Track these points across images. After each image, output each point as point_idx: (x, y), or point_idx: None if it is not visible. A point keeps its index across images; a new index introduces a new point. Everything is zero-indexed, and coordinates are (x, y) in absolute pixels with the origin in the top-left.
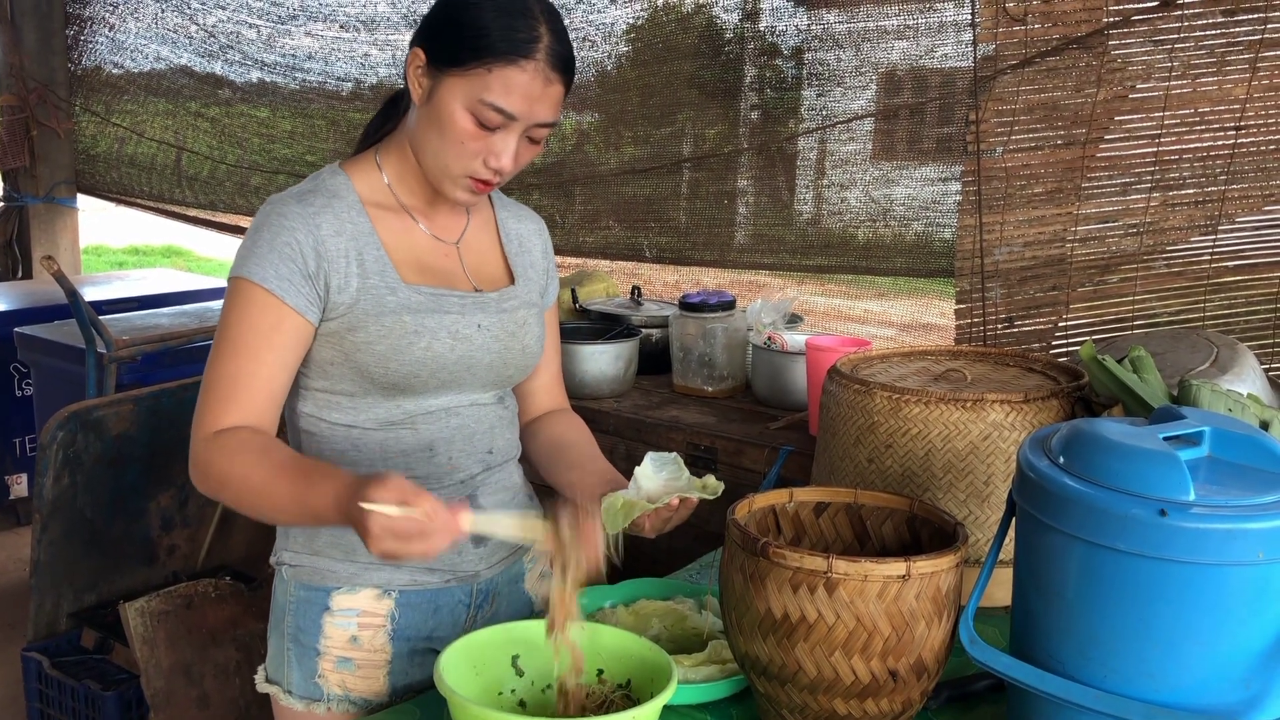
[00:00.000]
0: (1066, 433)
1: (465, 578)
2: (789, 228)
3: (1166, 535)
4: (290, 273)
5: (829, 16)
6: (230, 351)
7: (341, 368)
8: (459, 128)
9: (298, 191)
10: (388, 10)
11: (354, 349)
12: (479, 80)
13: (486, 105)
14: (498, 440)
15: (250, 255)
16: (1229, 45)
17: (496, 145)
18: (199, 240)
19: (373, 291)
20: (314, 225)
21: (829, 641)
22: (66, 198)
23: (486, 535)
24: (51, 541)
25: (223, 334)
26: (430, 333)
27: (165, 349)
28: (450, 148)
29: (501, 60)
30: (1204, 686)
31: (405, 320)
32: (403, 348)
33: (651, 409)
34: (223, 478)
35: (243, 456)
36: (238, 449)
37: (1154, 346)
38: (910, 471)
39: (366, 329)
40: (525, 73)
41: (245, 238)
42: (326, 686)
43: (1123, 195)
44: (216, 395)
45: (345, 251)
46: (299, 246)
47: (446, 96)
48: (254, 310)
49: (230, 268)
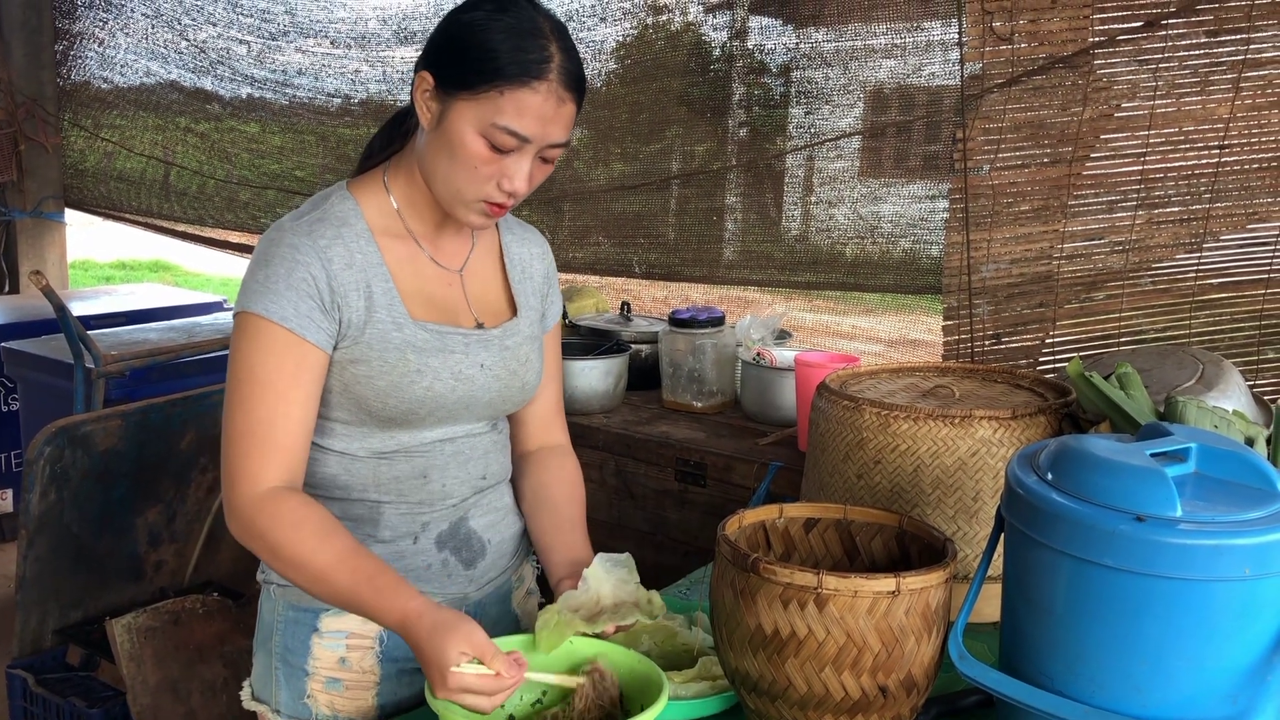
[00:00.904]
0: (1054, 449)
1: (454, 600)
2: (777, 244)
3: (1153, 551)
4: (310, 309)
5: (817, 35)
6: (258, 395)
7: (340, 397)
8: (471, 152)
9: (307, 220)
10: (378, 27)
11: (354, 381)
12: (491, 103)
13: (499, 129)
14: (492, 465)
15: (265, 291)
16: (1212, 65)
17: (510, 168)
18: (187, 255)
19: (379, 326)
20: (326, 259)
21: (819, 657)
22: (54, 212)
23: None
24: (38, 557)
25: (245, 375)
26: (433, 373)
27: (153, 364)
28: (463, 172)
29: (513, 82)
30: (1191, 702)
31: (409, 359)
32: (404, 385)
33: (641, 424)
34: (275, 549)
35: (301, 534)
36: (294, 524)
37: (1140, 363)
38: (899, 487)
39: (369, 363)
40: (538, 94)
41: (253, 268)
42: (315, 707)
43: (1109, 213)
44: (253, 443)
45: (356, 284)
46: (314, 282)
47: (457, 121)
48: (277, 349)
49: (238, 299)
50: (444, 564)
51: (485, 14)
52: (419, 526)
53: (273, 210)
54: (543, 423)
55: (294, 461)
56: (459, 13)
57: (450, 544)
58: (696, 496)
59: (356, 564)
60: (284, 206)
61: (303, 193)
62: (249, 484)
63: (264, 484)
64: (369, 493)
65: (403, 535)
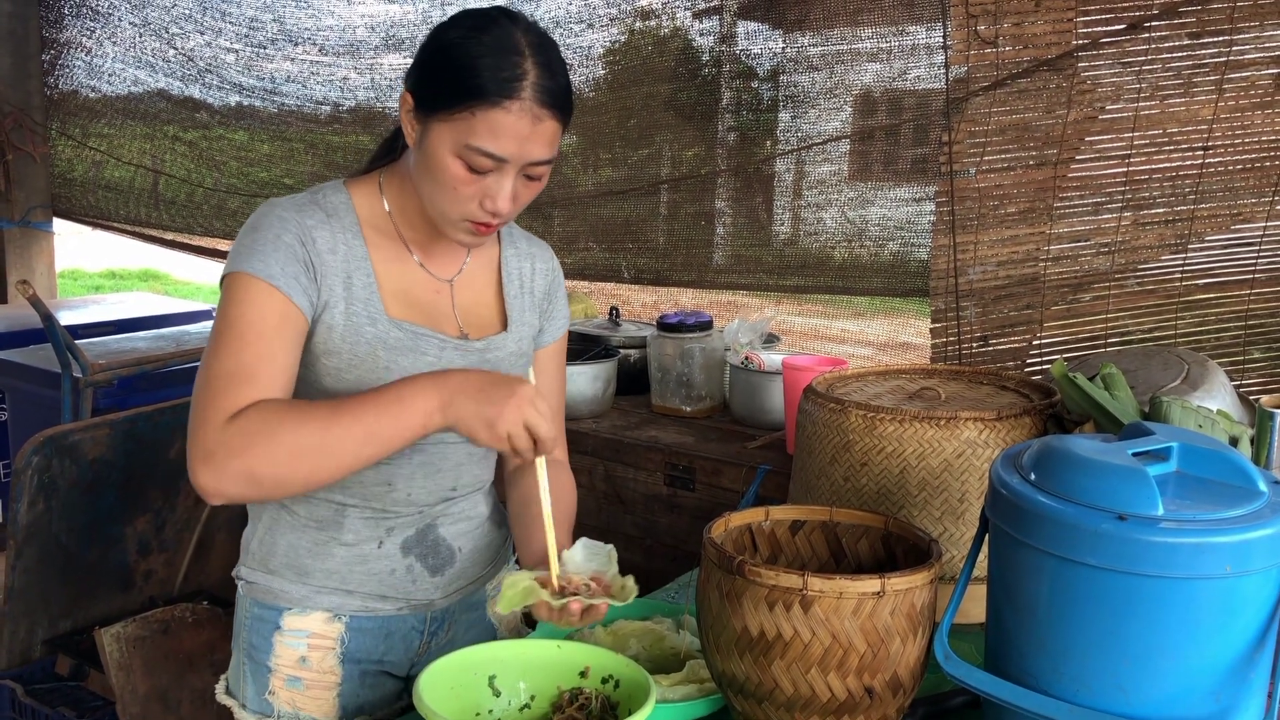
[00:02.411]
0: (1038, 449)
1: (419, 606)
2: (766, 248)
3: (1136, 550)
4: (296, 271)
5: (804, 39)
6: (237, 344)
7: (306, 389)
8: (450, 174)
9: (297, 202)
10: (366, 34)
11: (323, 373)
12: (464, 125)
13: (473, 150)
14: (463, 477)
15: (252, 252)
16: (1195, 67)
17: (491, 188)
18: (176, 264)
19: (354, 318)
20: (311, 238)
21: (805, 659)
22: (42, 221)
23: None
24: (26, 568)
25: (225, 328)
26: (401, 372)
27: (142, 373)
28: (444, 193)
29: (484, 102)
30: (1175, 700)
31: (379, 355)
32: (370, 382)
33: (630, 429)
34: (267, 452)
35: (280, 419)
36: (267, 416)
37: (1126, 364)
38: (885, 489)
39: (339, 355)
40: (510, 114)
41: (241, 237)
42: (277, 704)
43: (1094, 215)
44: (224, 385)
45: (336, 270)
46: (300, 247)
47: (435, 142)
48: (261, 301)
49: (225, 266)
50: (409, 569)
51: (462, 33)
52: (384, 531)
53: None
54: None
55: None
56: (440, 31)
57: (416, 550)
58: (685, 500)
59: (349, 404)
60: None
61: None
62: (213, 422)
63: (233, 411)
64: (334, 494)
65: (366, 539)
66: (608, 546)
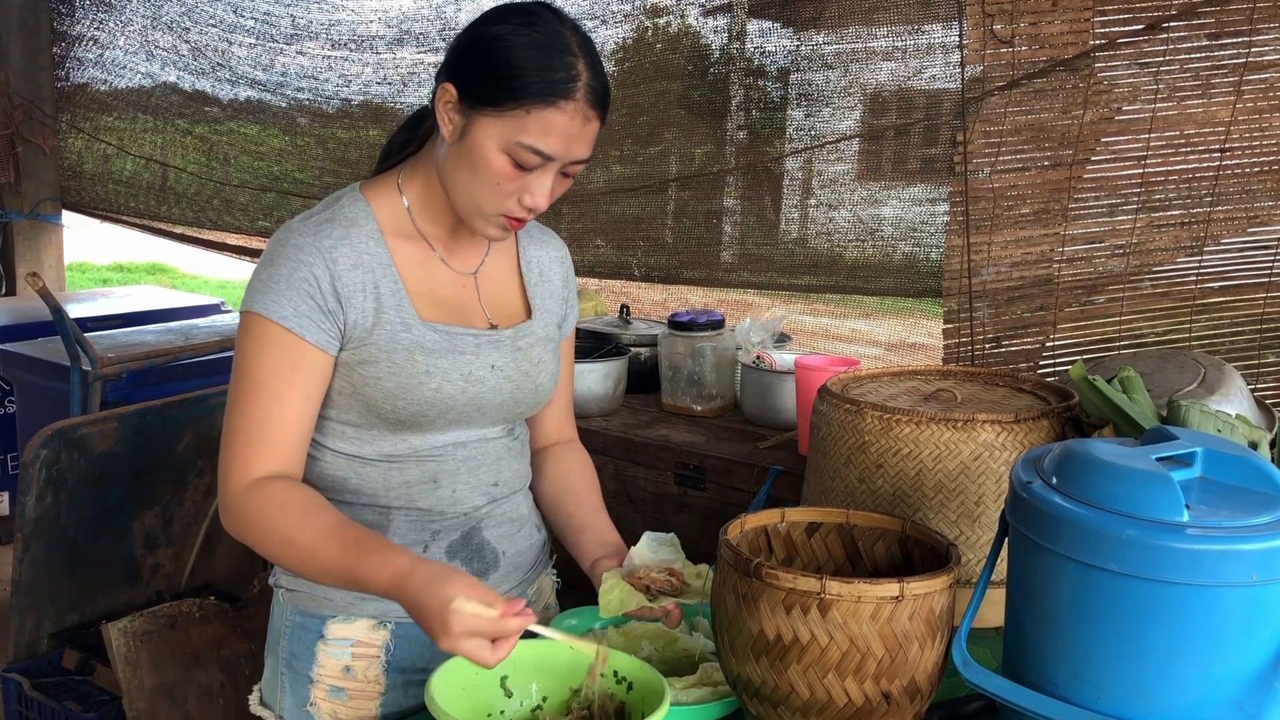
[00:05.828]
0: (1059, 453)
1: None
2: (776, 247)
3: (1160, 556)
4: (309, 309)
5: (817, 38)
6: (253, 395)
7: (349, 399)
8: (494, 169)
9: (315, 220)
10: (380, 29)
11: (363, 383)
12: (516, 122)
13: (524, 147)
14: (504, 472)
15: (266, 290)
16: (1213, 68)
17: (532, 185)
18: (184, 257)
19: (388, 326)
20: (331, 259)
21: (822, 663)
22: (51, 214)
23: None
24: (33, 561)
25: (242, 375)
26: (442, 374)
27: (150, 366)
28: (484, 187)
29: (540, 102)
30: (1197, 708)
31: (417, 359)
32: (412, 387)
33: (640, 428)
34: (265, 533)
35: (286, 515)
36: (280, 506)
37: (1142, 367)
38: (901, 491)
39: (378, 364)
40: (564, 114)
41: (259, 268)
42: (318, 715)
43: (1109, 216)
44: (243, 440)
45: (362, 285)
46: (316, 282)
47: (481, 137)
48: (273, 349)
49: (243, 299)
50: None
51: (511, 28)
52: (429, 535)
53: (271, 213)
54: (555, 423)
55: (286, 461)
56: (484, 24)
57: (461, 554)
58: (696, 500)
59: (343, 533)
60: (282, 209)
61: (301, 195)
62: (238, 478)
63: (253, 477)
64: (379, 498)
65: (412, 544)
66: (669, 535)
